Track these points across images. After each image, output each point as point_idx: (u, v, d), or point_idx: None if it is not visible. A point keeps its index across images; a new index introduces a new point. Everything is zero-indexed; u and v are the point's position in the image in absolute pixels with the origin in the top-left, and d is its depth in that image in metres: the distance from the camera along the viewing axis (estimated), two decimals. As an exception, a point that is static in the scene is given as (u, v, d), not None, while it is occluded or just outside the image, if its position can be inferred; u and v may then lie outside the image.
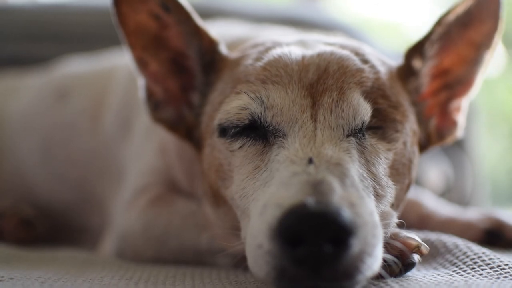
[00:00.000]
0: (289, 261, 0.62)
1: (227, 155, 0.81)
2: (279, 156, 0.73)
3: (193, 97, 0.94)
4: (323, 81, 0.78)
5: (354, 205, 0.65)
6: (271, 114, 0.77)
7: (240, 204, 0.78)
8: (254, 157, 0.78)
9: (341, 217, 0.61)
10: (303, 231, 0.61)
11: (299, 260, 0.62)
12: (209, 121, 0.86)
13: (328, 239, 0.61)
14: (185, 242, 0.93)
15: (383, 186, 0.76)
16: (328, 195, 0.64)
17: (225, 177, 0.82)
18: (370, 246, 0.64)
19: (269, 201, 0.67)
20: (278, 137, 0.76)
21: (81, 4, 1.95)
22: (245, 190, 0.77)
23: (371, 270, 0.65)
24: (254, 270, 0.67)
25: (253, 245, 0.66)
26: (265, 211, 0.66)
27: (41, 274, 0.80)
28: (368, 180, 0.74)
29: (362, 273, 0.64)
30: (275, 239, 0.63)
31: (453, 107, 0.97)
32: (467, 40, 0.93)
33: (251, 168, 0.77)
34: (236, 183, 0.79)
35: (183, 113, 0.95)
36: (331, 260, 0.62)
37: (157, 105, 0.97)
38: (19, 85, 1.51)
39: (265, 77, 0.80)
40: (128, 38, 0.94)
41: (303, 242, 0.61)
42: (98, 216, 1.27)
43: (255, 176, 0.76)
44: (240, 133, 0.80)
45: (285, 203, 0.64)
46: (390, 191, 0.78)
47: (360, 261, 0.63)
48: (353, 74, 0.80)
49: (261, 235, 0.65)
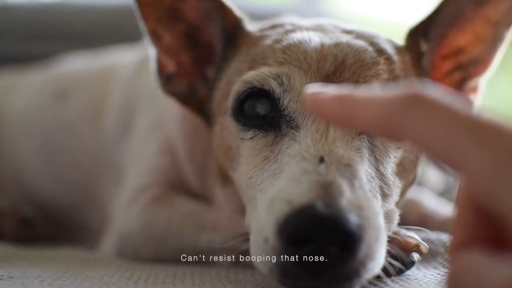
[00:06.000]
0: (294, 259, 0.62)
1: (237, 141, 0.80)
2: (290, 149, 0.72)
3: (208, 71, 0.93)
4: (339, 74, 0.77)
5: (361, 208, 0.64)
6: (288, 97, 0.76)
7: (247, 192, 0.77)
8: (264, 148, 0.77)
9: (349, 223, 0.61)
10: (311, 233, 0.61)
11: (303, 260, 0.61)
12: (222, 99, 0.86)
13: (335, 243, 0.61)
14: (185, 241, 0.93)
15: (390, 186, 0.76)
16: (338, 199, 0.63)
17: (233, 159, 0.82)
18: (373, 250, 0.64)
19: (278, 195, 0.66)
20: (291, 128, 0.75)
21: (82, 3, 1.95)
22: (251, 180, 0.76)
23: (372, 272, 0.65)
24: (257, 264, 0.67)
25: (259, 238, 0.66)
26: (273, 204, 0.65)
27: (40, 273, 0.79)
28: (376, 180, 0.73)
29: (363, 276, 0.64)
30: (282, 236, 0.63)
31: (468, 87, 0.94)
32: (483, 17, 0.89)
33: (260, 159, 0.76)
34: (243, 172, 0.78)
35: (195, 87, 0.94)
36: (335, 264, 0.61)
37: (169, 78, 0.96)
38: (17, 83, 1.51)
39: (284, 60, 0.78)
40: (142, 9, 0.92)
41: (309, 243, 0.61)
42: (98, 215, 1.27)
43: (263, 167, 0.75)
44: (252, 124, 0.78)
45: (295, 200, 0.63)
46: (396, 190, 0.77)
47: (362, 265, 0.63)
48: (369, 67, 0.78)
49: (267, 229, 0.64)
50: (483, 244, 0.46)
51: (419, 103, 0.45)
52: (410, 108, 0.45)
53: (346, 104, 0.51)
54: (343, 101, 0.51)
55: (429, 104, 0.45)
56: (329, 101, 0.52)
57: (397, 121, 0.46)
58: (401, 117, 0.46)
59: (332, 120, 0.53)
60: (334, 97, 0.52)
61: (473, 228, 0.47)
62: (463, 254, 0.46)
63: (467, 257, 0.46)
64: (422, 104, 0.45)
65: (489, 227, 0.46)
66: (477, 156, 0.42)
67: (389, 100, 0.47)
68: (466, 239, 0.47)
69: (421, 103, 0.45)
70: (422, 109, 0.45)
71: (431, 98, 0.45)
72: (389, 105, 0.46)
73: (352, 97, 0.50)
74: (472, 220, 0.47)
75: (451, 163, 0.44)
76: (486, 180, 0.42)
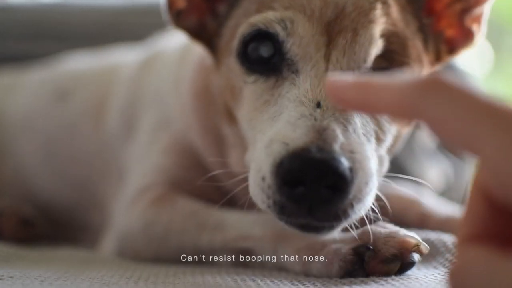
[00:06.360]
0: (288, 198, 0.68)
1: (240, 82, 0.84)
2: (290, 94, 0.76)
3: (220, 7, 0.94)
4: (339, 21, 0.79)
5: (353, 152, 0.70)
6: (291, 41, 0.79)
7: (248, 132, 0.83)
8: (265, 92, 0.81)
9: (341, 166, 0.66)
10: (304, 175, 0.66)
11: (297, 199, 0.68)
12: (230, 38, 0.88)
13: (327, 185, 0.66)
14: (185, 241, 0.93)
15: (384, 131, 0.80)
16: (331, 143, 0.68)
17: (236, 99, 0.85)
18: (362, 193, 0.69)
19: (276, 137, 0.72)
20: (291, 72, 0.79)
21: (82, 3, 1.95)
22: (252, 122, 0.81)
23: (359, 214, 0.71)
24: (256, 200, 0.74)
25: (257, 176, 0.72)
26: (270, 146, 0.71)
27: (40, 273, 0.79)
28: (371, 125, 0.77)
29: (351, 216, 0.70)
30: (277, 176, 0.68)
31: (470, 17, 0.94)
32: None
33: (260, 102, 0.80)
34: (244, 114, 0.83)
35: (205, 22, 0.96)
36: (326, 204, 0.68)
37: (178, 14, 0.97)
38: (18, 83, 1.50)
39: (289, 5, 0.81)
40: None
41: (302, 184, 0.66)
42: (100, 216, 1.26)
43: (263, 110, 0.79)
44: (255, 69, 0.82)
45: (291, 143, 0.69)
46: (390, 136, 0.82)
47: (351, 206, 0.69)
48: (366, 13, 0.80)
49: (264, 168, 0.71)
50: (493, 240, 0.45)
51: (438, 87, 0.46)
52: (429, 93, 0.46)
53: (365, 90, 0.52)
54: (362, 87, 0.52)
55: (448, 88, 0.45)
56: (349, 88, 0.53)
57: (416, 105, 0.47)
58: (420, 101, 0.46)
59: (352, 106, 0.54)
60: (353, 84, 0.53)
61: (484, 222, 0.46)
62: (471, 248, 0.45)
63: (475, 252, 0.45)
64: (441, 89, 0.46)
65: (501, 222, 0.46)
66: (494, 140, 0.42)
67: (408, 85, 0.48)
68: (476, 233, 0.46)
69: (439, 88, 0.46)
70: (441, 93, 0.45)
71: (449, 83, 0.46)
72: (408, 90, 0.48)
73: (371, 83, 0.52)
74: (483, 213, 0.46)
75: (467, 146, 0.44)
76: (501, 166, 0.41)
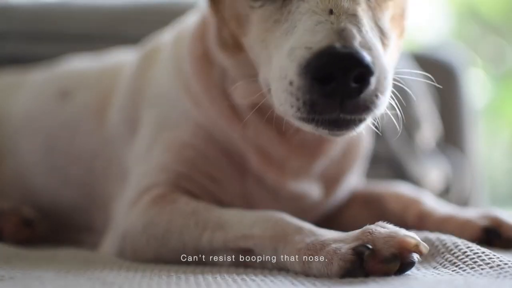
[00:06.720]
0: (320, 94, 0.74)
1: (246, 9, 0.88)
2: (300, 8, 0.81)
3: None
4: None
5: (371, 49, 0.76)
6: None
7: (260, 54, 0.86)
8: (273, 12, 0.85)
9: (365, 58, 0.74)
10: (334, 69, 0.73)
11: (329, 94, 0.74)
12: None
13: (354, 77, 0.73)
14: (186, 241, 0.93)
15: (388, 38, 0.86)
16: (352, 41, 0.75)
17: (243, 25, 0.89)
18: (382, 86, 0.77)
19: (297, 44, 0.77)
20: None
21: (82, 3, 1.94)
22: (264, 42, 0.85)
23: (381, 108, 0.78)
24: (283, 108, 0.79)
25: (284, 83, 0.77)
26: (293, 53, 0.77)
27: (41, 273, 0.80)
28: (375, 31, 0.83)
29: (377, 108, 0.77)
30: (306, 76, 0.74)
31: None
32: None
33: (270, 23, 0.85)
34: (254, 37, 0.87)
35: None
36: (355, 94, 0.74)
37: None
38: (19, 83, 1.50)
39: None
40: None
41: (332, 79, 0.73)
42: (102, 216, 1.26)
43: (274, 29, 0.84)
44: None
45: (315, 46, 0.74)
46: (392, 42, 0.87)
47: (375, 97, 0.76)
48: None
49: (291, 73, 0.76)
50: None
51: None
52: None
53: None
54: None
55: None
56: None
57: None
58: None
59: None
60: None
61: None
62: None
63: None
64: None
65: None
66: None
67: None
68: None
69: None
70: None
71: None
72: None
73: None
74: None
75: None
76: None
